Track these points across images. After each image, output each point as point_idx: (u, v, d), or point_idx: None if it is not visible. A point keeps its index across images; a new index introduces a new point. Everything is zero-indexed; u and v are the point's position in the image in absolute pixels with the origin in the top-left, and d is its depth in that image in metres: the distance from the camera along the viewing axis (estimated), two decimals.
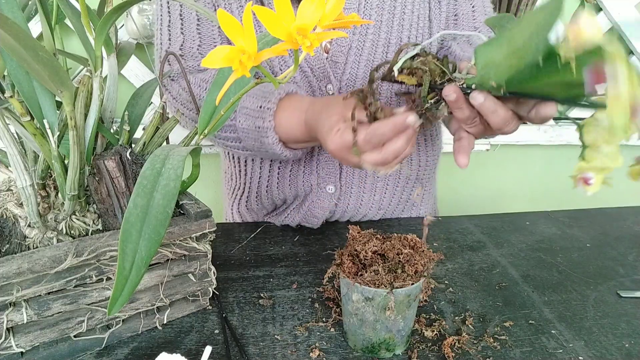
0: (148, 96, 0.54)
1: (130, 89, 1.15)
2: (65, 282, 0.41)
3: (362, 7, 0.65)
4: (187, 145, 0.49)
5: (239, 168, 0.78)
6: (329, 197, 0.72)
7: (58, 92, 0.39)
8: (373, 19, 0.65)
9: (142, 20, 1.02)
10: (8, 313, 0.40)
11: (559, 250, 0.69)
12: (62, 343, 0.44)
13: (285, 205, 0.76)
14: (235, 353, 0.46)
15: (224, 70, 0.45)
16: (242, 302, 0.54)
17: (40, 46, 0.34)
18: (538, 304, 0.55)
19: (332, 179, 0.72)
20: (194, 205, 0.49)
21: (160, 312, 0.50)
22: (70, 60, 0.51)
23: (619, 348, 0.48)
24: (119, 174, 0.45)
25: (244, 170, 0.77)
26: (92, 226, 0.47)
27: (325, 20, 0.32)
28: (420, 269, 0.43)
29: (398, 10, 0.67)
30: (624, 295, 0.57)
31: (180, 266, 0.49)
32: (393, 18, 0.67)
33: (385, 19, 0.66)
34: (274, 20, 0.27)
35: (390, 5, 0.66)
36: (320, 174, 0.72)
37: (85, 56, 0.44)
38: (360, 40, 0.66)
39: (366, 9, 0.65)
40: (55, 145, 0.42)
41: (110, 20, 0.40)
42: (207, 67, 0.56)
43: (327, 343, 0.47)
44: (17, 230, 0.45)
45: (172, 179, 0.33)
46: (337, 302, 0.53)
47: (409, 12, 0.67)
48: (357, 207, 0.75)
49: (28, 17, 0.47)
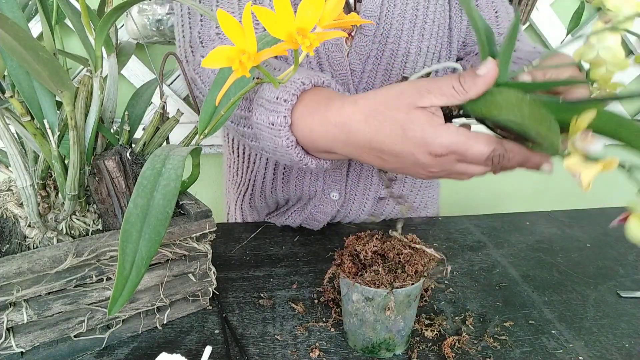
0: (148, 96, 0.54)
1: (130, 89, 1.15)
2: (65, 282, 0.41)
3: (384, 16, 0.63)
4: (187, 145, 0.49)
5: (246, 164, 0.76)
6: (332, 203, 0.72)
7: (58, 92, 0.39)
8: (394, 28, 0.64)
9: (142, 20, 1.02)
10: (8, 313, 0.40)
11: (559, 250, 0.69)
12: (62, 343, 0.44)
13: (287, 207, 0.76)
14: (235, 353, 0.46)
15: (224, 71, 0.45)
16: (242, 302, 0.54)
17: (40, 46, 0.34)
18: (538, 304, 0.55)
19: (337, 186, 0.71)
20: (194, 205, 0.49)
21: (160, 312, 0.50)
22: (70, 60, 0.51)
23: (619, 348, 0.48)
24: (119, 174, 0.45)
25: (251, 167, 0.75)
26: (92, 226, 0.47)
27: (325, 20, 0.32)
28: (420, 269, 0.43)
29: (419, 20, 0.65)
30: (624, 295, 0.57)
31: (181, 266, 0.49)
32: (414, 27, 0.65)
33: (406, 28, 0.64)
34: (274, 20, 0.27)
35: (412, 14, 0.64)
36: (327, 181, 0.71)
37: (85, 56, 0.44)
38: (380, 50, 0.64)
39: (387, 17, 0.63)
40: (55, 145, 0.42)
41: (110, 20, 0.40)
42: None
43: (327, 343, 0.47)
44: (17, 230, 0.45)
45: (172, 179, 0.33)
46: (337, 302, 0.53)
47: (430, 22, 0.66)
48: (359, 213, 0.75)
49: (28, 17, 0.47)
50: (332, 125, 0.41)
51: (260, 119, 0.46)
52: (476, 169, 0.38)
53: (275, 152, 0.48)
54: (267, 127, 0.45)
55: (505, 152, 0.35)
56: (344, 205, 0.74)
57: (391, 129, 0.37)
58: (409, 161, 0.38)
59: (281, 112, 0.44)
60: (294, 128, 0.44)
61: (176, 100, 1.22)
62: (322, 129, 0.42)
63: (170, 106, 1.21)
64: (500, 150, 0.35)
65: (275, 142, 0.46)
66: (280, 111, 0.44)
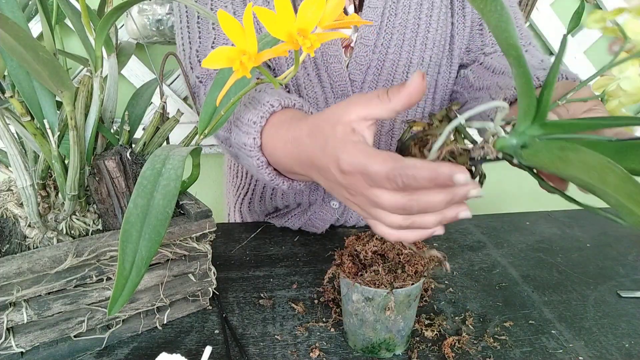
0: (148, 96, 0.54)
1: (130, 89, 1.15)
2: (65, 282, 0.41)
3: (384, 26, 0.61)
4: (188, 145, 0.49)
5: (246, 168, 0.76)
6: (333, 211, 0.72)
7: (58, 92, 0.39)
8: (395, 38, 0.62)
9: (142, 20, 1.02)
10: (8, 313, 0.40)
11: (559, 250, 0.69)
12: (62, 343, 0.44)
13: (287, 210, 0.76)
14: (235, 353, 0.46)
15: (224, 71, 0.45)
16: (242, 302, 0.54)
17: (40, 46, 0.34)
18: (538, 304, 0.55)
19: None
20: (194, 206, 0.49)
21: (160, 312, 0.50)
22: (70, 60, 0.51)
23: (619, 348, 0.48)
24: (119, 174, 0.45)
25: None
26: (92, 226, 0.47)
27: (325, 20, 0.32)
28: (420, 269, 0.43)
29: (422, 29, 0.62)
30: (624, 295, 0.57)
31: (181, 266, 0.49)
32: (416, 37, 0.62)
33: (407, 38, 0.62)
34: (275, 21, 0.27)
35: (414, 23, 0.62)
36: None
37: (86, 56, 0.44)
38: (380, 60, 0.63)
39: (388, 27, 0.61)
40: (55, 145, 0.42)
41: (110, 20, 0.40)
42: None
43: (327, 343, 0.47)
44: (18, 230, 0.45)
45: (172, 179, 0.33)
46: (337, 302, 0.53)
47: (433, 30, 0.63)
48: (359, 219, 0.75)
49: (28, 17, 0.47)
50: (289, 142, 0.41)
51: (237, 140, 0.48)
52: (389, 198, 0.32)
53: (253, 172, 0.49)
54: (242, 147, 0.47)
55: (407, 169, 0.30)
56: (344, 214, 0.74)
57: (320, 142, 0.36)
58: (332, 180, 0.36)
59: (251, 133, 0.45)
60: (264, 148, 0.45)
61: (176, 100, 1.22)
62: (282, 146, 0.42)
63: (170, 106, 1.21)
64: (399, 169, 0.30)
65: (249, 162, 0.47)
66: (251, 132, 0.45)
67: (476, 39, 0.67)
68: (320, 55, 0.61)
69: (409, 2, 0.61)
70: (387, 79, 0.64)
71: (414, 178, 0.30)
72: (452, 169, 0.29)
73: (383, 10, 0.61)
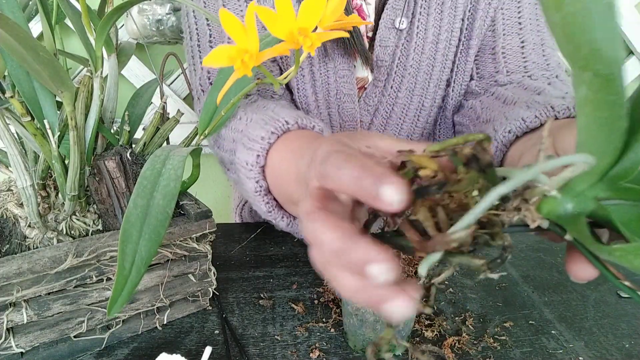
0: (148, 96, 0.54)
1: (131, 89, 1.15)
2: (65, 282, 0.41)
3: (395, 67, 0.57)
4: (188, 145, 0.48)
5: None
6: None
7: (58, 92, 0.39)
8: (406, 80, 0.57)
9: (142, 20, 1.02)
10: (8, 313, 0.40)
11: (559, 250, 0.69)
12: (62, 343, 0.44)
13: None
14: (235, 353, 0.46)
15: (224, 71, 0.45)
16: (242, 303, 0.54)
17: (40, 46, 0.34)
18: (538, 304, 0.55)
19: None
20: (194, 206, 0.49)
21: (160, 313, 0.50)
22: (71, 60, 0.51)
23: (619, 348, 0.48)
24: (119, 174, 0.45)
25: None
26: (92, 226, 0.47)
27: (326, 21, 0.32)
28: None
29: (436, 71, 0.56)
30: (624, 295, 0.57)
31: (181, 266, 0.49)
32: (430, 79, 0.57)
33: (420, 80, 0.57)
34: (275, 20, 0.27)
35: (428, 64, 0.56)
36: None
37: (86, 56, 0.44)
38: (389, 103, 0.59)
39: (398, 68, 0.57)
40: (55, 145, 0.42)
41: (110, 21, 0.40)
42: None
43: (327, 343, 0.47)
44: (17, 231, 0.45)
45: (173, 179, 0.33)
46: (337, 303, 0.53)
47: (448, 71, 0.58)
48: None
49: (28, 17, 0.47)
50: (292, 161, 0.34)
51: (239, 158, 0.40)
52: (321, 235, 0.21)
53: (250, 199, 0.40)
54: (243, 166, 0.39)
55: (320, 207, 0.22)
56: None
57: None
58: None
59: (256, 149, 0.37)
60: (268, 171, 0.37)
61: (176, 100, 1.22)
62: (285, 166, 0.35)
63: (170, 106, 1.21)
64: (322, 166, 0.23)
65: (246, 184, 0.38)
66: (255, 149, 0.37)
67: (488, 64, 0.60)
68: (335, 94, 0.59)
69: (422, 42, 0.56)
70: (396, 123, 0.61)
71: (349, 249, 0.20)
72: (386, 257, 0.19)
73: (394, 51, 0.56)
